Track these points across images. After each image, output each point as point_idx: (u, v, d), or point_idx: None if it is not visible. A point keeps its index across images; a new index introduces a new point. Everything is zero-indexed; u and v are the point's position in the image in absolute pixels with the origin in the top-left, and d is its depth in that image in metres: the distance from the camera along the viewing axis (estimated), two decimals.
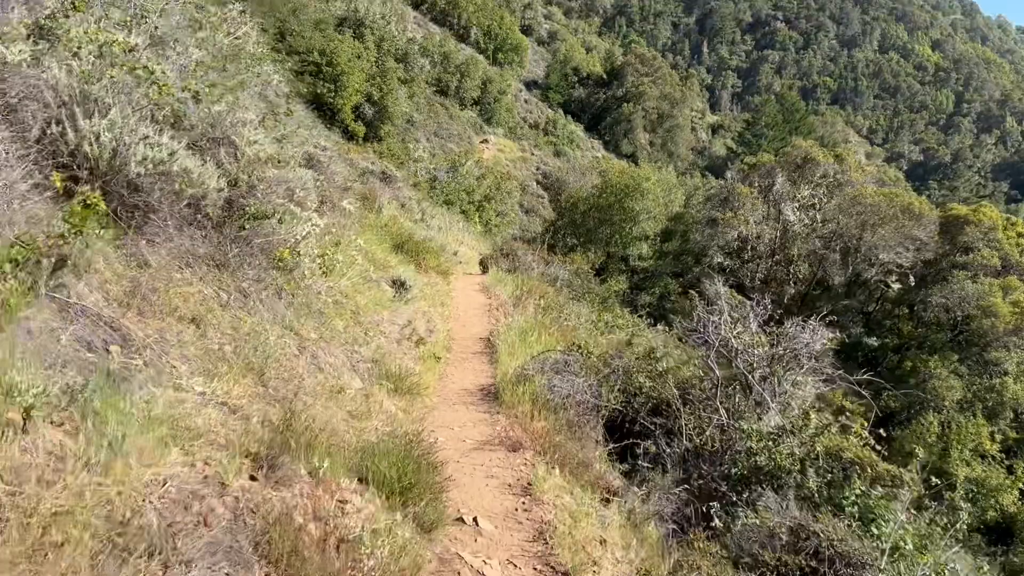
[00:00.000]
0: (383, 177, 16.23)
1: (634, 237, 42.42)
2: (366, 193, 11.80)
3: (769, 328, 9.70)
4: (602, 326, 11.91)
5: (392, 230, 11.56)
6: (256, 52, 9.30)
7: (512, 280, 13.86)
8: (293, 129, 7.32)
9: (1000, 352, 35.77)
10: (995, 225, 36.80)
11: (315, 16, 48.55)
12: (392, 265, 10.06)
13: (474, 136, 62.07)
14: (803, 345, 9.33)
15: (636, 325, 14.41)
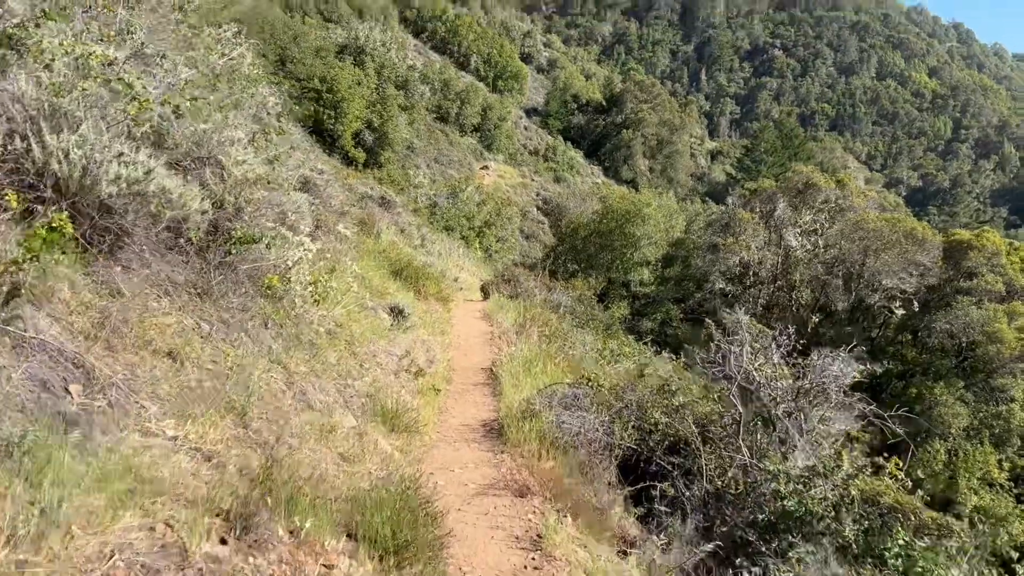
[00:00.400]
0: (382, 202, 15.88)
1: (635, 263, 42.16)
2: (364, 218, 11.42)
3: (793, 359, 9.19)
4: (608, 354, 11.49)
5: (391, 256, 11.13)
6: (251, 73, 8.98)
7: (514, 307, 13.23)
8: (286, 150, 6.94)
9: (1006, 379, 35.32)
10: (999, 250, 36.50)
11: (316, 43, 48.73)
12: (390, 292, 9.67)
13: (474, 162, 62.07)
14: (832, 378, 8.76)
15: (642, 353, 13.97)
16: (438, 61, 78.07)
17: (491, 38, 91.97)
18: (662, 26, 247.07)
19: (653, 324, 40.21)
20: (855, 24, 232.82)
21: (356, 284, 7.65)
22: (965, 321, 34.83)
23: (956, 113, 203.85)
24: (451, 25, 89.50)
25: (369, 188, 16.60)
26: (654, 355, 17.05)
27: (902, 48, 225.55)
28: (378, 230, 11.67)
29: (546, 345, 10.39)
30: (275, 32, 45.68)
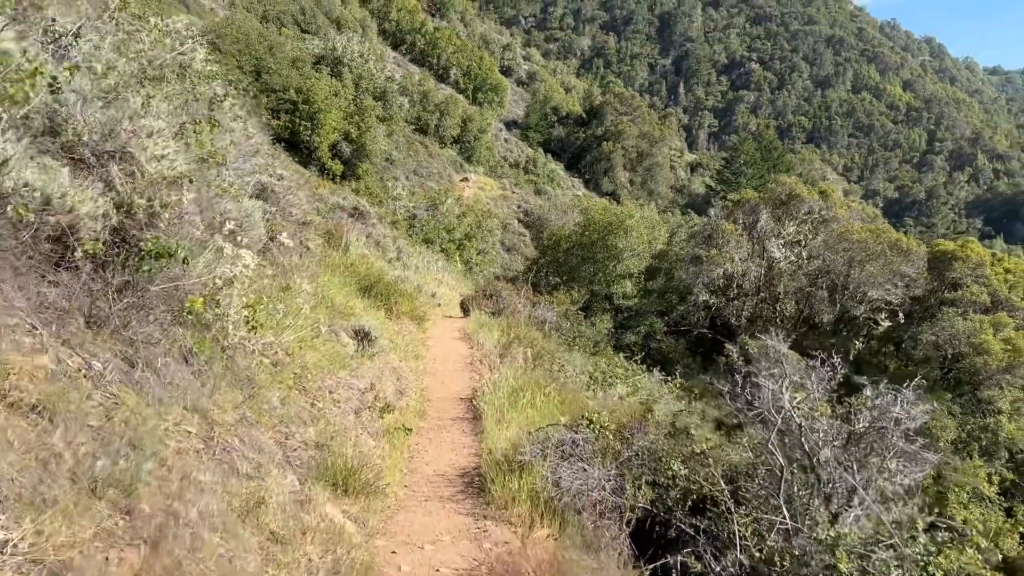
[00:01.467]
0: (355, 213, 14.98)
1: (618, 275, 41.51)
2: (331, 230, 10.45)
3: (838, 395, 7.80)
4: (599, 377, 10.58)
5: (359, 271, 10.10)
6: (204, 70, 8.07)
7: (497, 325, 12.26)
8: (224, 146, 5.95)
9: (993, 391, 34.96)
10: (983, 261, 36.25)
11: (292, 54, 47.84)
12: (356, 312, 8.39)
13: (454, 174, 61.29)
14: (893, 421, 7.01)
15: (635, 373, 13.10)
16: (417, 73, 77.37)
17: (470, 51, 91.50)
18: (640, 40, 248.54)
19: (637, 337, 39.52)
20: (830, 38, 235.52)
21: (312, 304, 6.82)
22: (951, 332, 34.48)
23: (930, 125, 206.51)
24: (430, 38, 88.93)
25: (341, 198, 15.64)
26: (644, 371, 16.29)
27: (877, 61, 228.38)
28: (346, 243, 10.85)
29: (532, 370, 9.40)
30: (250, 42, 44.75)
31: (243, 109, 8.82)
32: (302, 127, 40.81)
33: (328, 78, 44.87)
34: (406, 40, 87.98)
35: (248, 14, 53.35)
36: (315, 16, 68.50)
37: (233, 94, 8.28)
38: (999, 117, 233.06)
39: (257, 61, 44.51)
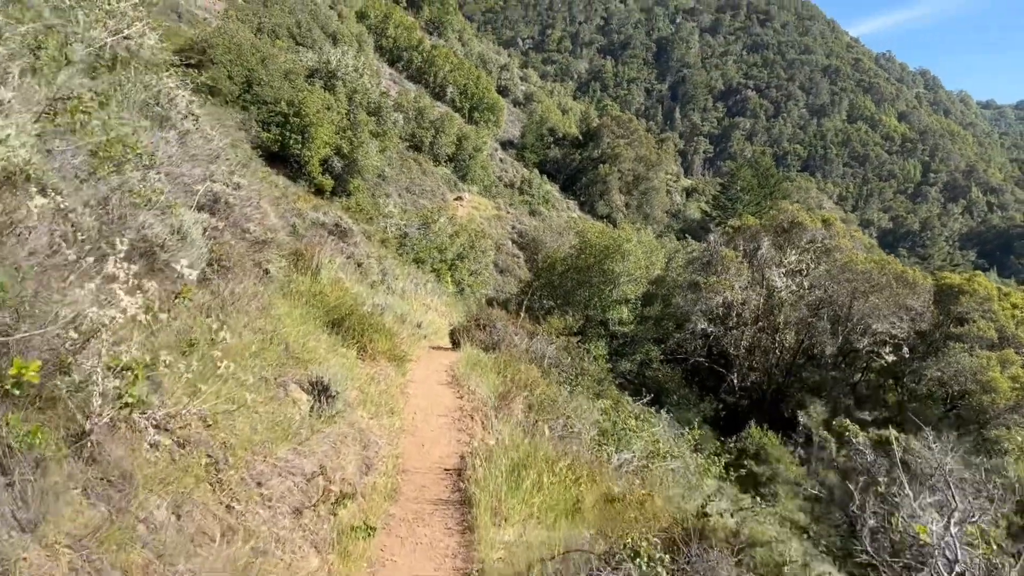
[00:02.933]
0: (336, 230, 13.72)
1: (614, 300, 40.34)
2: (301, 249, 9.24)
3: None
4: (612, 431, 9.16)
5: (330, 300, 8.58)
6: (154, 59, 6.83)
7: (491, 363, 10.69)
8: (127, 133, 4.56)
9: (1000, 430, 33.78)
10: (990, 295, 35.22)
11: (285, 66, 46.82)
12: (317, 355, 6.68)
13: (448, 193, 60.22)
14: None
15: (649, 425, 11.68)
16: (413, 90, 76.57)
17: (467, 69, 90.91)
18: (637, 64, 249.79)
19: (632, 365, 38.36)
20: (826, 68, 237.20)
21: (255, 348, 5.32)
22: (956, 369, 33.38)
23: (925, 157, 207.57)
24: (427, 55, 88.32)
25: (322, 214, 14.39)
26: (655, 413, 14.92)
27: (872, 92, 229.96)
28: (316, 265, 9.35)
29: (534, 428, 7.40)
30: (242, 53, 43.72)
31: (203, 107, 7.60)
32: (292, 140, 39.68)
33: (321, 91, 43.81)
34: (403, 57, 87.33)
35: (241, 25, 52.41)
36: (311, 30, 67.72)
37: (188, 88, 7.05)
38: (993, 150, 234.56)
39: (248, 72, 43.44)
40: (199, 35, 43.86)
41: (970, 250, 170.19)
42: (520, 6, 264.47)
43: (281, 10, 68.64)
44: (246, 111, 42.31)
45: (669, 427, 16.51)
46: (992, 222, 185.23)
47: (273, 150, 40.28)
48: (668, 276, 41.90)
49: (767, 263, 38.25)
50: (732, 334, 38.59)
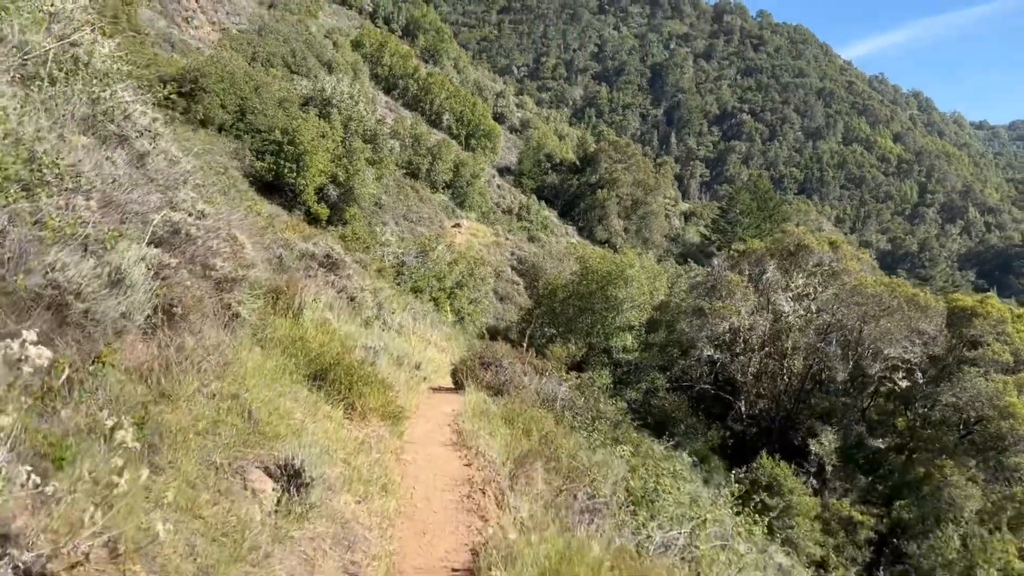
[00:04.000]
0: (327, 261, 12.72)
1: (617, 327, 39.41)
2: (282, 286, 8.19)
3: None
4: (647, 504, 7.97)
5: (312, 347, 7.26)
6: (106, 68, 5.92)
7: (499, 411, 9.46)
8: (44, 151, 3.51)
9: (1020, 457, 32.71)
10: (1004, 317, 34.28)
11: (279, 94, 46.28)
12: (291, 422, 5.32)
13: (446, 220, 59.44)
14: None
15: (682, 480, 10.60)
16: (409, 118, 76.16)
17: (463, 97, 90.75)
18: (632, 90, 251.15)
19: (637, 394, 37.32)
20: (820, 90, 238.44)
21: (212, 418, 4.27)
22: (972, 394, 32.34)
23: (921, 178, 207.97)
24: (423, 83, 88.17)
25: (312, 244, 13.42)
26: (689, 467, 13.84)
27: (867, 114, 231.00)
28: (299, 304, 8.13)
29: (557, 499, 6.03)
30: (235, 81, 43.18)
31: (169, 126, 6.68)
32: (287, 169, 38.90)
33: (316, 119, 43.16)
34: (399, 85, 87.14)
35: (235, 54, 52.00)
36: (306, 59, 67.44)
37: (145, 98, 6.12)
38: (988, 171, 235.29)
39: (242, 100, 42.90)
40: (191, 64, 43.35)
41: (969, 270, 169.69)
42: (514, 34, 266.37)
43: (276, 39, 68.42)
44: (240, 140, 41.67)
45: (693, 471, 15.49)
46: (990, 242, 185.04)
47: (267, 179, 39.52)
48: (672, 301, 40.97)
49: (773, 287, 37.36)
50: (739, 360, 37.58)
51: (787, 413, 37.45)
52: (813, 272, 37.67)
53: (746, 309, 36.16)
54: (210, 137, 39.62)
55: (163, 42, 51.31)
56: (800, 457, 34.56)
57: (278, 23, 74.52)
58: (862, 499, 34.15)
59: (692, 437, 34.57)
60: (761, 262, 38.78)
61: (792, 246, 38.04)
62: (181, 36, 56.72)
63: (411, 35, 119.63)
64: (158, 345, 3.99)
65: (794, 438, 36.31)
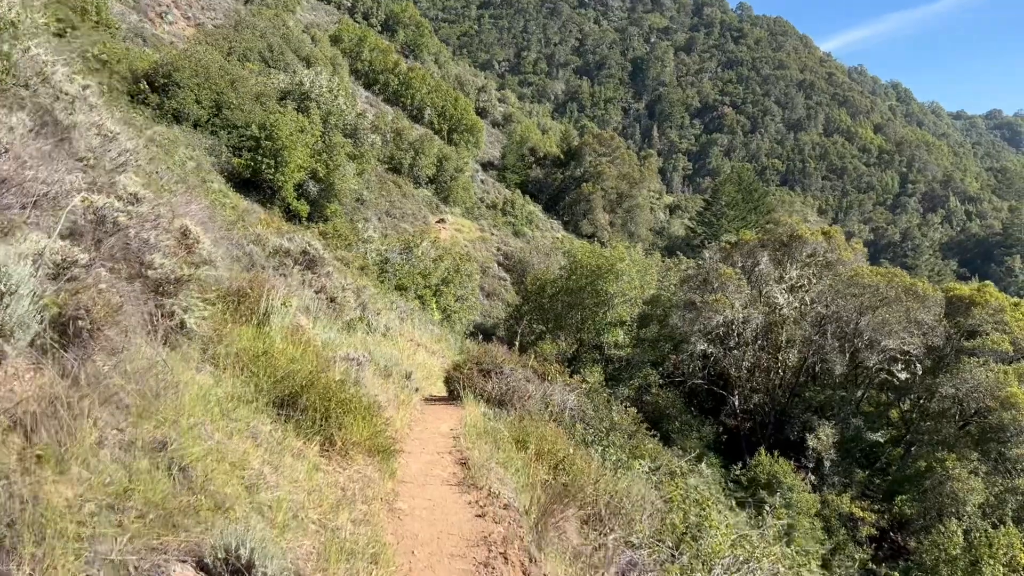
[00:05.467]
0: (304, 259, 11.49)
1: (608, 323, 38.40)
2: (244, 287, 6.58)
3: None
4: (690, 545, 6.75)
5: (280, 363, 5.75)
6: (18, 20, 4.74)
7: (506, 428, 7.95)
8: None
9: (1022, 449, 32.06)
10: (1003, 306, 33.62)
11: (255, 89, 44.80)
12: (243, 480, 3.90)
13: (430, 215, 58.16)
14: None
15: (730, 511, 9.45)
16: (390, 113, 74.72)
17: (445, 91, 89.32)
18: (613, 84, 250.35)
19: (630, 391, 36.34)
20: (801, 82, 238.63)
21: (67, 520, 2.54)
22: (972, 384, 31.64)
23: (902, 168, 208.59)
24: (404, 78, 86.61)
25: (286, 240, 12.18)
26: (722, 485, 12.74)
27: (847, 105, 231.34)
28: (266, 309, 6.54)
29: (601, 567, 5.25)
30: (210, 76, 41.67)
31: (102, 97, 5.51)
32: (264, 165, 37.50)
33: (294, 113, 41.75)
34: (379, 80, 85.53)
35: (210, 48, 50.41)
36: (283, 53, 65.79)
37: (73, 60, 4.96)
38: (967, 160, 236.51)
39: (217, 95, 41.41)
40: (164, 58, 41.79)
41: (951, 259, 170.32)
42: (495, 29, 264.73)
43: (252, 34, 66.72)
44: (216, 136, 40.23)
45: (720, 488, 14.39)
46: (971, 231, 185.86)
47: (245, 176, 38.13)
48: (663, 295, 40.04)
49: (766, 279, 36.54)
50: (733, 354, 36.78)
51: (782, 407, 36.70)
52: (807, 263, 36.91)
53: (740, 302, 35.33)
54: (185, 133, 38.20)
55: (135, 37, 49.63)
56: (795, 451, 33.82)
57: (254, 17, 72.81)
58: (861, 494, 33.46)
59: (686, 434, 33.74)
60: (754, 253, 37.98)
61: (785, 237, 37.28)
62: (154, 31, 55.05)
63: (391, 30, 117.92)
64: (62, 374, 2.85)
65: (789, 432, 35.58)
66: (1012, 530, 28.05)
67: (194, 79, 40.70)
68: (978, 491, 30.16)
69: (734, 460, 33.88)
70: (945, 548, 27.67)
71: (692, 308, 35.38)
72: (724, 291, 35.07)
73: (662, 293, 40.91)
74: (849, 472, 34.92)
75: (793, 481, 30.25)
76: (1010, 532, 27.90)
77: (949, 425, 33.81)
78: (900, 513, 32.65)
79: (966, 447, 32.69)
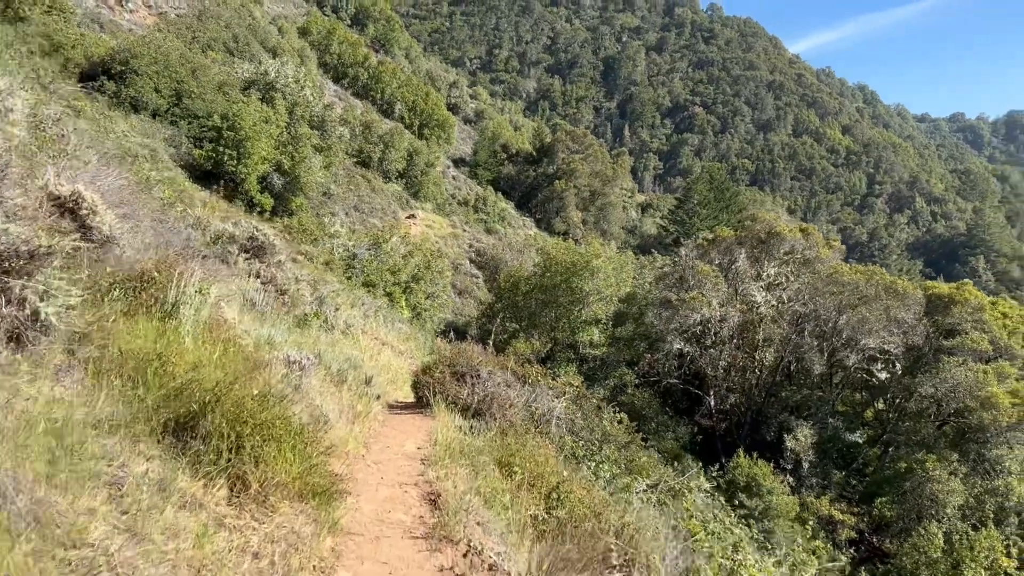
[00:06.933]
0: (250, 245, 10.13)
1: (583, 321, 37.37)
2: (149, 270, 4.89)
3: None
4: None
5: (178, 370, 4.13)
6: None
7: (488, 448, 6.54)
8: None
9: (1002, 449, 31.62)
10: (982, 305, 33.20)
11: (218, 78, 43.07)
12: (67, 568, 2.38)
13: (400, 211, 56.64)
14: None
15: (730, 532, 8.37)
16: (359, 106, 73.01)
17: (416, 86, 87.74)
18: (585, 83, 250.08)
19: (605, 391, 35.32)
20: (771, 83, 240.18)
21: None
22: (952, 384, 31.11)
23: (870, 169, 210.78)
24: (374, 72, 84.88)
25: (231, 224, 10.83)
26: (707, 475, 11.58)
27: (816, 106, 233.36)
28: (175, 299, 4.93)
29: None
30: (169, 63, 39.90)
31: None
32: (226, 156, 35.84)
33: (258, 103, 40.11)
34: (348, 73, 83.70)
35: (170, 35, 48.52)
36: (249, 44, 63.82)
37: None
38: (932, 162, 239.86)
39: (178, 84, 39.68)
40: (122, 44, 39.95)
41: (917, 259, 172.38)
42: (466, 26, 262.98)
43: (217, 24, 64.67)
44: (176, 126, 38.54)
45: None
46: (937, 231, 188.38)
47: (206, 168, 36.45)
48: (638, 293, 39.13)
49: (744, 277, 35.80)
50: (709, 353, 35.94)
51: (758, 407, 36.00)
52: (785, 260, 36.22)
53: (717, 300, 34.53)
54: (143, 123, 36.48)
55: (91, 22, 47.57)
56: (772, 452, 33.09)
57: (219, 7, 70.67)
58: (839, 496, 32.83)
59: (662, 435, 32.89)
60: (731, 250, 37.25)
61: (763, 233, 36.54)
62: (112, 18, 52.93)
63: (361, 25, 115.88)
64: None
65: (766, 433, 34.90)
66: (994, 532, 27.51)
67: (153, 67, 38.99)
68: (958, 493, 29.62)
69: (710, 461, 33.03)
70: (925, 551, 27.11)
71: (668, 306, 34.50)
72: (701, 289, 34.25)
73: (637, 291, 40.02)
74: (827, 473, 34.30)
75: (773, 484, 29.50)
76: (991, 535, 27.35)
77: (928, 425, 33.35)
78: (880, 515, 32.07)
79: (945, 448, 32.24)
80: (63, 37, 38.89)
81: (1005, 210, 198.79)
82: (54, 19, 40.85)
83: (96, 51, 39.00)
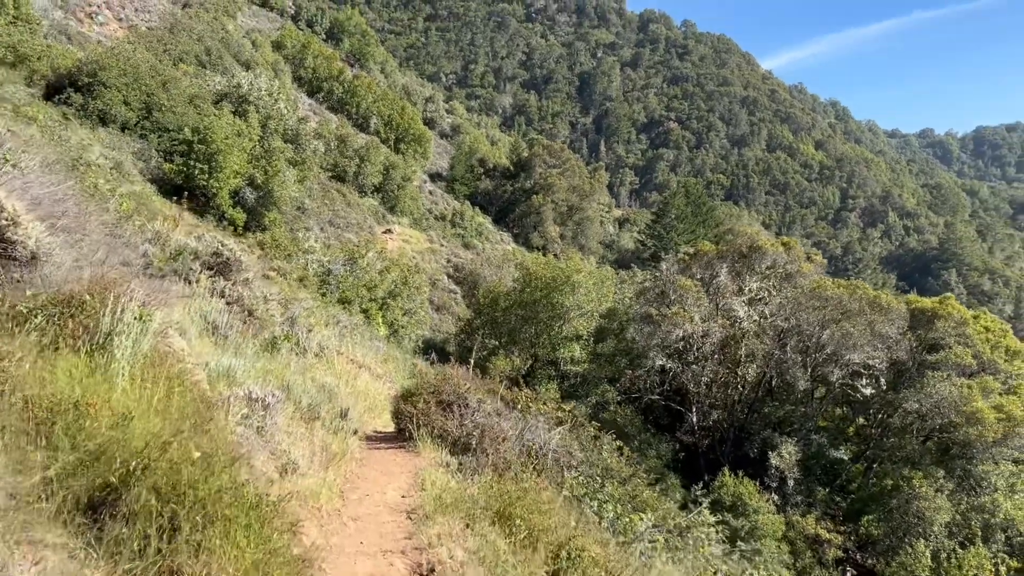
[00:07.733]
0: (215, 262, 9.36)
1: (564, 337, 36.71)
2: (81, 292, 3.95)
3: None
4: None
5: (99, 424, 3.09)
6: None
7: (485, 498, 5.52)
8: None
9: (988, 464, 31.33)
10: (965, 319, 33.00)
11: (189, 91, 42.10)
12: None
13: (376, 225, 55.77)
14: None
15: None
16: (334, 120, 72.16)
17: (392, 100, 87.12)
18: (561, 98, 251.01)
19: (587, 408, 34.68)
20: (744, 99, 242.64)
21: None
22: (937, 399, 30.79)
23: (843, 184, 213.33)
24: (349, 86, 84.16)
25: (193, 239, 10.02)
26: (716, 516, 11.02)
27: (789, 122, 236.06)
28: (109, 328, 3.91)
29: None
30: (139, 76, 38.92)
31: None
32: (198, 170, 34.85)
33: (231, 116, 39.18)
34: (323, 87, 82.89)
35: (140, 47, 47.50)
36: (222, 57, 62.89)
37: None
38: (904, 176, 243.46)
39: (148, 97, 38.69)
40: (90, 56, 38.94)
41: (891, 273, 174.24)
42: (442, 42, 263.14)
43: (189, 37, 63.69)
44: (146, 140, 37.52)
45: None
46: (910, 245, 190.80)
47: (177, 182, 35.42)
48: (618, 308, 38.57)
49: (725, 291, 35.37)
50: (691, 369, 35.41)
51: (740, 424, 35.51)
52: (766, 275, 35.87)
53: (699, 315, 34.04)
54: (112, 136, 35.41)
55: (58, 34, 46.48)
56: (755, 469, 32.56)
57: (191, 20, 69.71)
58: (824, 513, 32.35)
59: (645, 453, 32.28)
60: (712, 265, 36.79)
61: (745, 248, 36.17)
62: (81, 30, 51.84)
63: (336, 39, 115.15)
64: None
65: (748, 449, 34.39)
66: (982, 550, 27.16)
67: (122, 79, 38.04)
68: (944, 510, 29.25)
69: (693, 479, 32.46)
70: (913, 569, 26.74)
71: (650, 321, 33.93)
72: (683, 304, 33.75)
73: (618, 306, 39.47)
74: (811, 491, 33.83)
75: (759, 503, 28.96)
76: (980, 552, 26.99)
77: (912, 441, 33.04)
78: (866, 533, 31.64)
79: (930, 464, 31.91)
80: (28, 48, 37.84)
81: (976, 224, 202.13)
82: (19, 30, 39.78)
83: (63, 63, 38.02)
